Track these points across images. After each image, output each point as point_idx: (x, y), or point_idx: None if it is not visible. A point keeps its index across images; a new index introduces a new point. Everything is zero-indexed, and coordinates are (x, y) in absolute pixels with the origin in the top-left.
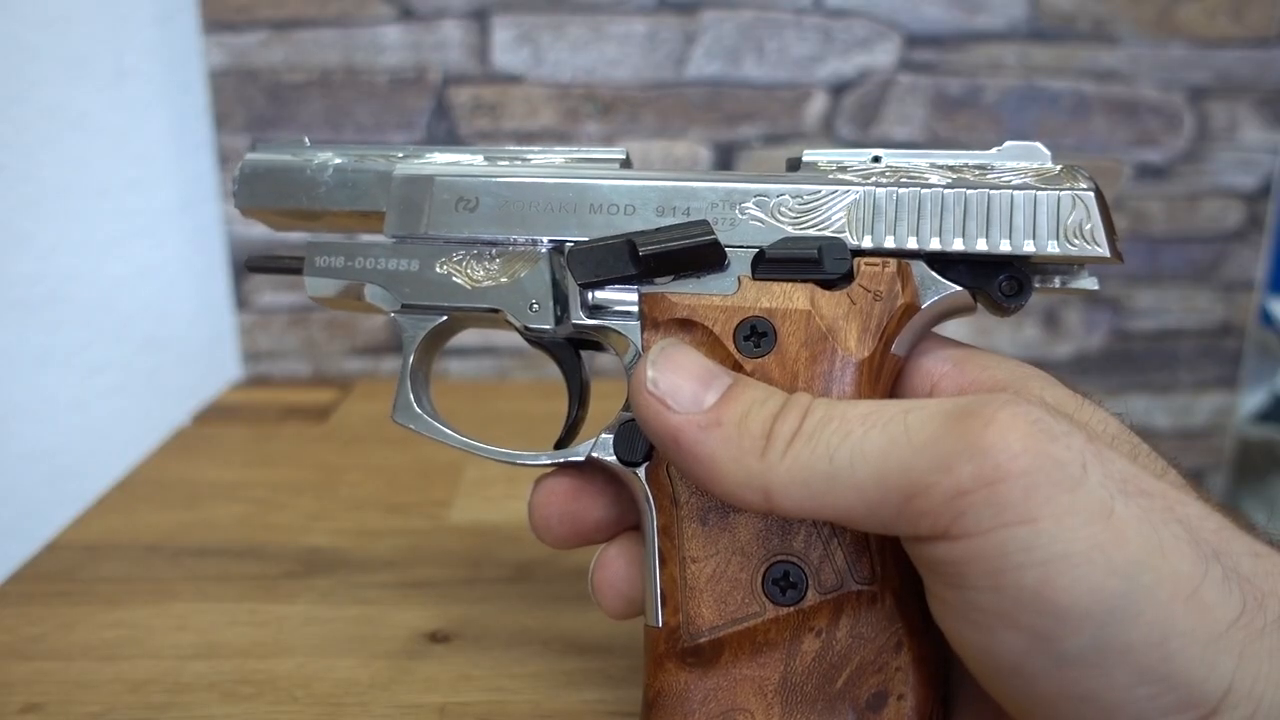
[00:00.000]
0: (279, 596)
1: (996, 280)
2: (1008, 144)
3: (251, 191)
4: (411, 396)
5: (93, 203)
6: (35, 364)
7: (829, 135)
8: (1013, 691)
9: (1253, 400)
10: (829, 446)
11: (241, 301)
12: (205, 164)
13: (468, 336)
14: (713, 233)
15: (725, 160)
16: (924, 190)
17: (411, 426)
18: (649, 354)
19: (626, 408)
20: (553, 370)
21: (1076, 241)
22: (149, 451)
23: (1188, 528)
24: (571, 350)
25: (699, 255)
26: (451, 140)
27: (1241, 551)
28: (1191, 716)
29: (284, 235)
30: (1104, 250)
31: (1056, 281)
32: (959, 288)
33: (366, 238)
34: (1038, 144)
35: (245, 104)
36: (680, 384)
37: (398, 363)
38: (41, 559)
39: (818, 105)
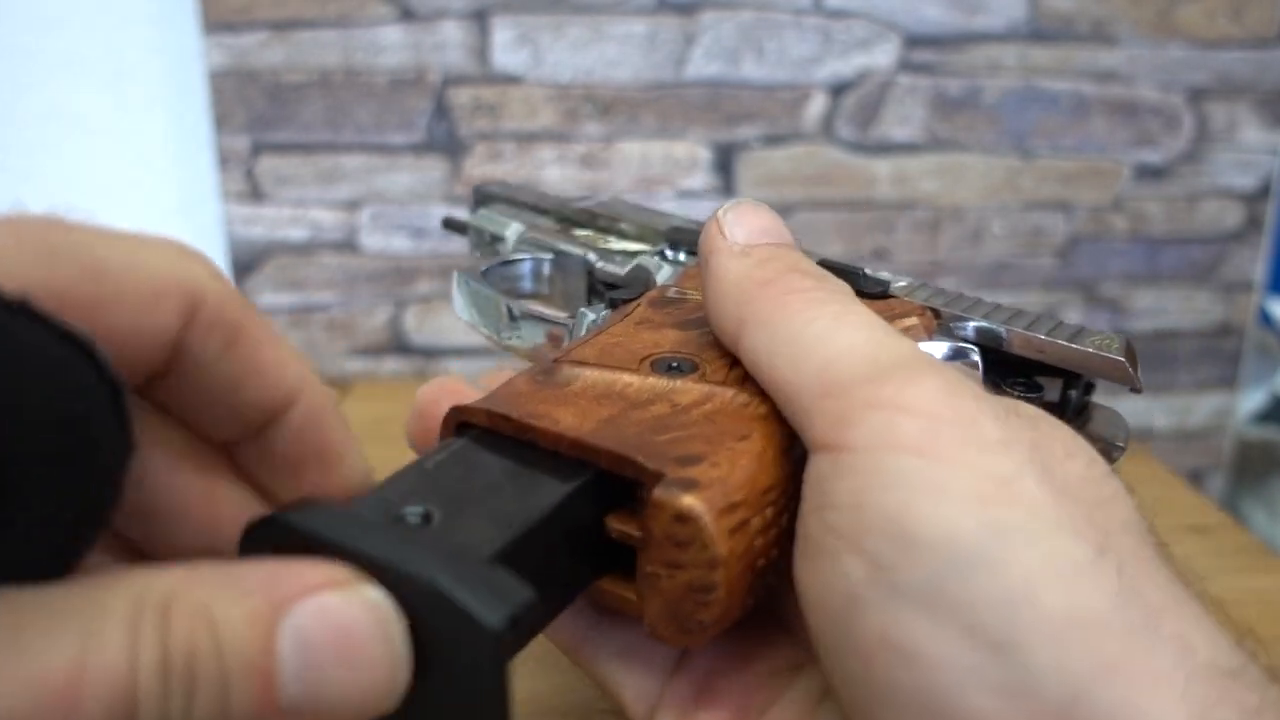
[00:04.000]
0: None
1: (1010, 381)
2: None
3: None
4: (482, 272)
5: (93, 203)
6: None
7: (829, 136)
8: (841, 633)
9: (1252, 401)
10: (814, 315)
11: None
12: (205, 164)
13: (468, 337)
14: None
15: (725, 161)
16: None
17: (459, 282)
18: (731, 201)
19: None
20: None
21: (1102, 355)
22: None
23: (1114, 550)
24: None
25: None
26: (451, 141)
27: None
28: (1022, 709)
29: (283, 234)
30: (1122, 359)
31: None
32: (974, 349)
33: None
34: None
35: (245, 104)
36: (738, 224)
37: (398, 363)
38: None
39: (817, 106)
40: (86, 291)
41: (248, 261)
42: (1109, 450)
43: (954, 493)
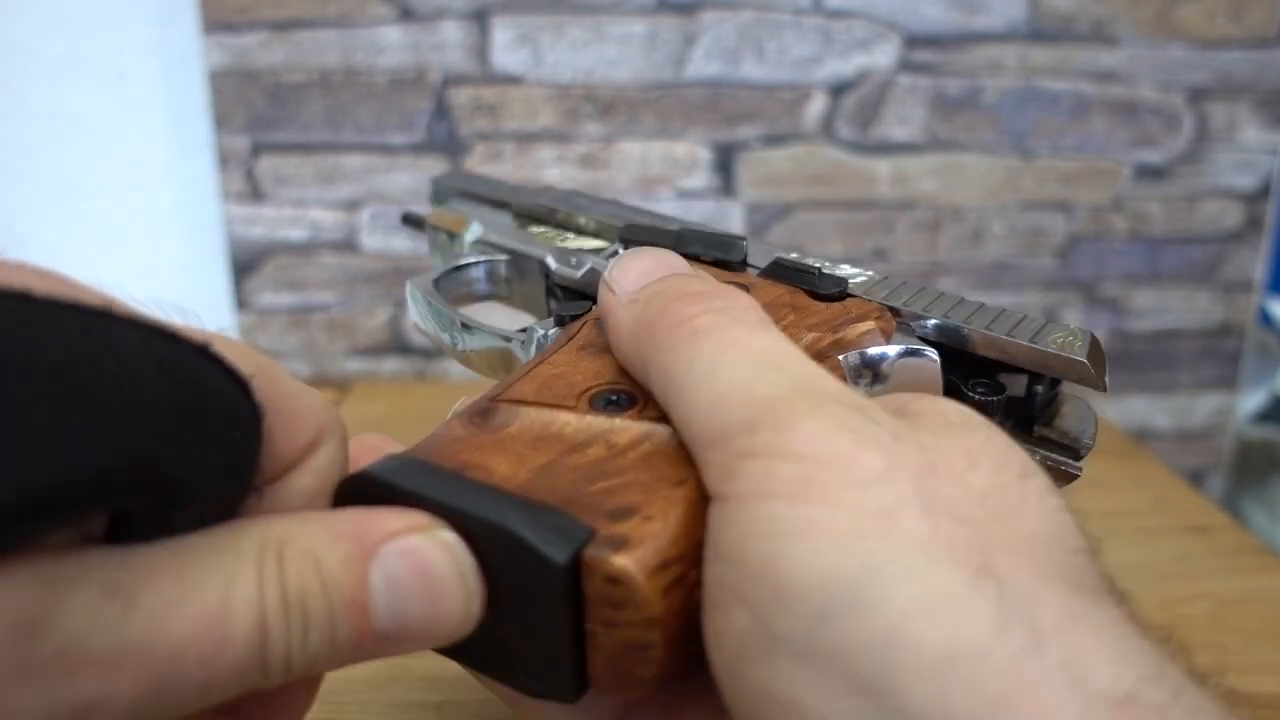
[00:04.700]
0: None
1: (972, 382)
2: None
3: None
4: (434, 281)
5: (92, 203)
6: None
7: (829, 136)
8: (735, 686)
9: (1252, 401)
10: (695, 353)
11: (241, 302)
12: (205, 164)
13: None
14: (744, 240)
15: (725, 161)
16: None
17: (412, 292)
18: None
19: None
20: None
21: (1063, 355)
22: None
23: (1007, 583)
24: (574, 292)
25: (723, 244)
26: (451, 141)
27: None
28: None
29: (283, 234)
30: (1084, 360)
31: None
32: (932, 349)
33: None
34: None
35: (245, 104)
36: (625, 275)
37: (398, 363)
38: None
39: (817, 106)
40: (265, 396)
41: (248, 261)
42: (1075, 449)
43: (826, 535)
